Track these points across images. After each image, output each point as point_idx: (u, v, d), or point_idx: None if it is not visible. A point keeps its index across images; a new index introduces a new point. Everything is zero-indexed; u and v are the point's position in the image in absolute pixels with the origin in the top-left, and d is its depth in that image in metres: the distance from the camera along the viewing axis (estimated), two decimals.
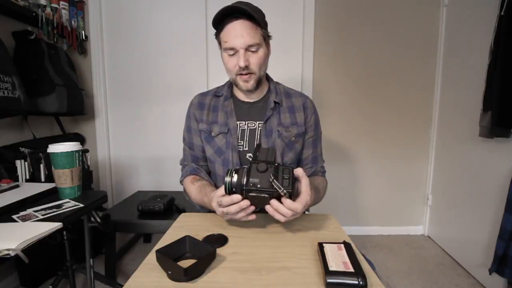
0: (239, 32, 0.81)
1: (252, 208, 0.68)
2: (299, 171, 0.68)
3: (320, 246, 0.61)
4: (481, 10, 1.62)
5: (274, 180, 0.63)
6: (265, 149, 0.73)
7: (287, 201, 0.65)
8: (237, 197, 0.66)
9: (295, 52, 2.05)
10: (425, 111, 2.12)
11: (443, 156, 2.02)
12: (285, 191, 0.63)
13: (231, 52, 0.84)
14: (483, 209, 1.56)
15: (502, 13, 1.32)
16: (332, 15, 2.02)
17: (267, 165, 0.66)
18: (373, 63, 2.07)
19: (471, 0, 1.73)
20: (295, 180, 0.67)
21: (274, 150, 0.73)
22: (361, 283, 0.49)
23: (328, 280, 0.50)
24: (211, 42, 2.03)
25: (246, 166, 0.68)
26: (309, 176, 0.97)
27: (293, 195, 0.66)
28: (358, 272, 0.51)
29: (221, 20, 0.83)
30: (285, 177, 0.65)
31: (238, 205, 0.67)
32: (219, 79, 2.02)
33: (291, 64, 2.05)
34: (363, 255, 0.63)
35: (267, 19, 0.89)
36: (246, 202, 0.66)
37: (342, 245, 0.61)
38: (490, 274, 1.35)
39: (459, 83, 1.84)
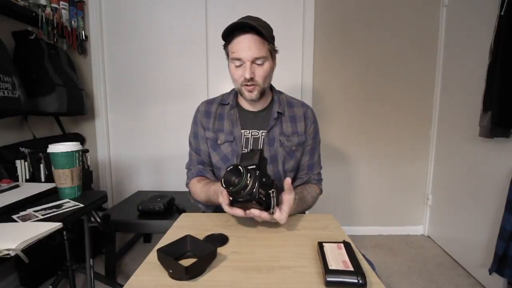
0: (247, 44, 0.84)
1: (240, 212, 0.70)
2: (287, 183, 0.72)
3: (320, 245, 0.61)
4: (481, 10, 1.62)
5: (274, 199, 0.68)
6: (265, 159, 0.76)
7: (264, 213, 0.69)
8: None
9: (295, 52, 2.05)
10: (425, 111, 2.12)
11: (443, 156, 2.03)
12: (272, 211, 0.68)
13: (238, 63, 0.87)
14: (483, 209, 1.57)
15: (502, 13, 1.32)
16: (331, 17, 2.02)
17: (271, 182, 0.70)
18: (373, 63, 2.07)
19: (471, 0, 1.73)
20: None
21: (265, 161, 0.78)
22: (360, 281, 0.50)
23: (328, 279, 0.51)
24: (211, 43, 2.03)
25: (253, 172, 0.67)
26: (302, 183, 0.99)
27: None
28: (358, 270, 0.51)
29: (230, 33, 0.86)
30: (275, 197, 0.69)
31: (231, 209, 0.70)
32: (219, 79, 2.06)
33: (291, 64, 2.05)
34: (363, 255, 0.63)
35: (267, 21, 0.90)
36: (239, 211, 0.69)
37: (342, 245, 0.61)
38: (490, 274, 1.35)
39: (459, 83, 1.84)
